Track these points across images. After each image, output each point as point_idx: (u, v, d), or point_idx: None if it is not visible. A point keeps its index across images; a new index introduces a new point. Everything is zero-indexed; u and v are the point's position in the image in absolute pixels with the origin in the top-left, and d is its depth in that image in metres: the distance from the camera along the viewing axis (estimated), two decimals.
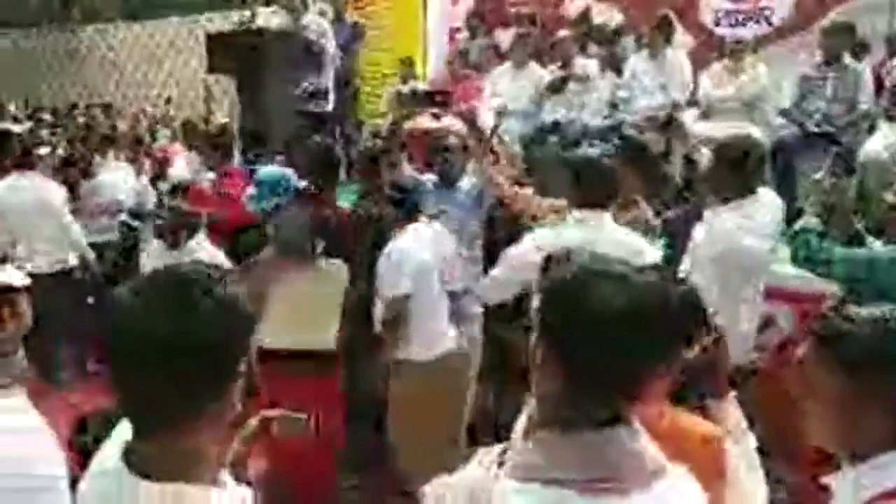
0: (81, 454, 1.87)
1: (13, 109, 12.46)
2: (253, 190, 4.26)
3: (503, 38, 7.49)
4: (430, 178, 4.09)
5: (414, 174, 4.24)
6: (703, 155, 4.59)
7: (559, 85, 5.91)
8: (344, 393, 3.69)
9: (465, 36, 7.75)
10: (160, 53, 13.73)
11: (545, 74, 6.04)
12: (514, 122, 5.75)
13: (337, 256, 3.74)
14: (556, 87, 5.92)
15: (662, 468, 1.13)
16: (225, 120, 7.23)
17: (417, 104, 6.15)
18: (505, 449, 1.19)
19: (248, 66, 6.31)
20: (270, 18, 7.15)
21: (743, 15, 6.88)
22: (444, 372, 3.42)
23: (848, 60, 5.07)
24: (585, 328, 1.10)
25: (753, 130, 4.22)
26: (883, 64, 5.64)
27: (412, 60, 7.63)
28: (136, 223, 5.68)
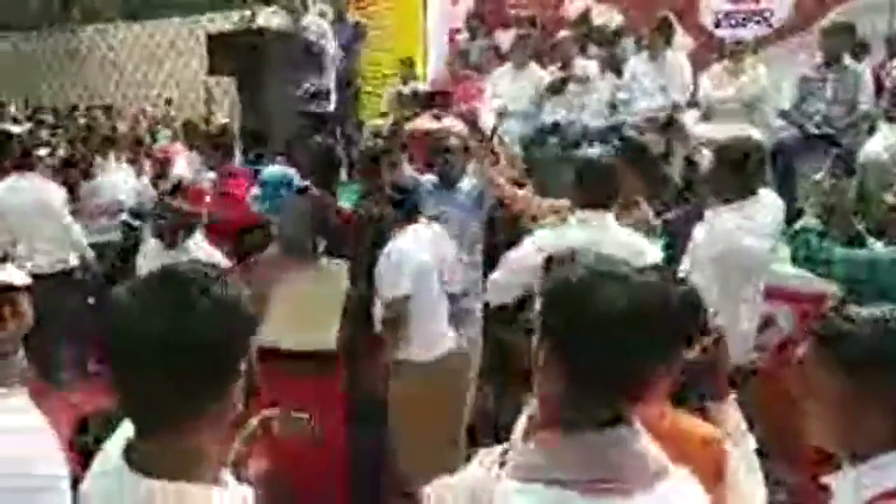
0: (82, 454, 1.87)
1: (13, 110, 12.45)
2: (258, 190, 4.28)
3: (503, 39, 7.51)
4: (430, 178, 4.09)
5: (414, 175, 4.24)
6: (703, 156, 4.59)
7: (559, 86, 5.91)
8: (344, 393, 3.69)
9: (465, 37, 7.72)
10: (160, 54, 13.71)
11: (545, 75, 6.04)
12: (514, 122, 5.75)
13: (338, 256, 3.74)
14: (556, 88, 5.91)
15: (665, 469, 1.13)
16: (225, 120, 7.23)
17: (418, 105, 6.16)
18: (506, 449, 1.19)
19: (248, 66, 6.33)
20: (271, 19, 7.16)
21: (743, 16, 6.88)
22: (443, 373, 3.42)
23: (848, 62, 5.07)
24: (589, 330, 1.10)
25: (754, 132, 4.21)
26: (883, 65, 5.63)
27: (413, 61, 7.63)
28: (136, 223, 5.68)
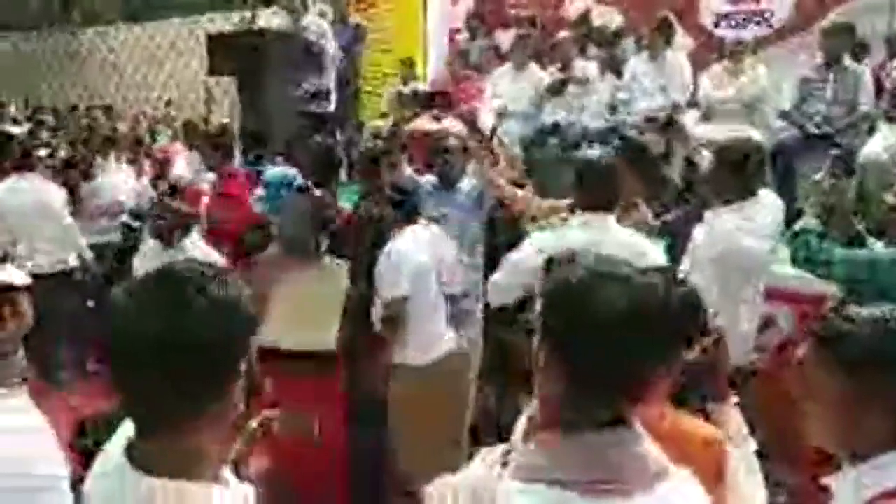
0: (83, 455, 1.87)
1: (13, 111, 12.44)
2: (261, 191, 4.29)
3: (503, 39, 7.51)
4: (430, 179, 4.09)
5: (414, 175, 4.24)
6: (703, 157, 4.59)
7: (559, 87, 5.92)
8: (344, 393, 3.69)
9: (465, 37, 7.73)
10: (161, 55, 13.68)
11: (545, 76, 6.04)
12: (514, 123, 5.76)
13: (339, 256, 3.74)
14: (556, 88, 5.92)
15: (665, 470, 1.13)
16: (225, 120, 7.23)
17: (418, 105, 6.16)
18: (508, 449, 1.19)
19: (248, 66, 6.34)
20: (271, 19, 7.17)
21: (743, 16, 6.88)
22: (442, 374, 3.42)
23: (848, 62, 5.07)
24: (589, 331, 1.10)
25: (754, 133, 4.21)
26: (883, 66, 5.63)
27: (413, 61, 7.62)
28: (136, 224, 5.68)
